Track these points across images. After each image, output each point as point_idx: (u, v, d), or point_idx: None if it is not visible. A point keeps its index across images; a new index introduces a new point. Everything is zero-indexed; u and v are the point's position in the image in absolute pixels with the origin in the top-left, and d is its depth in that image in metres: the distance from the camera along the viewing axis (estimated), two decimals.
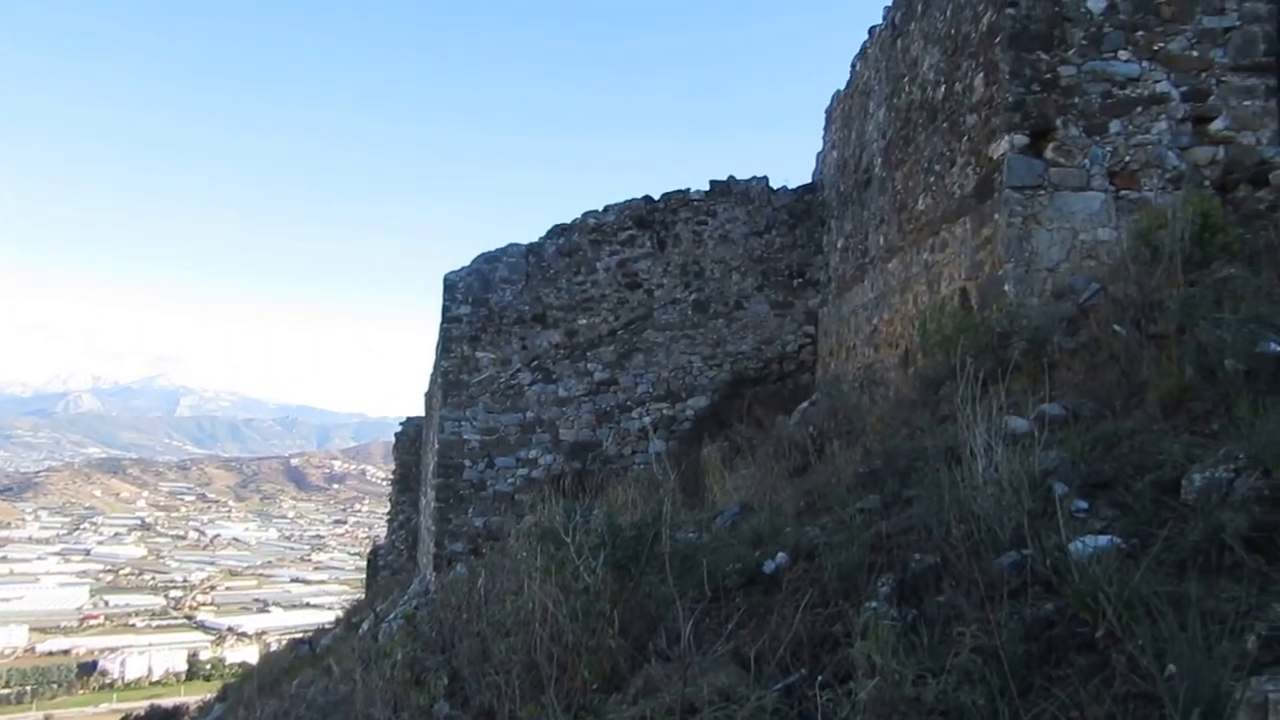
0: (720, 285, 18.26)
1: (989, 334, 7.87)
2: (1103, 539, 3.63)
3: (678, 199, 18.43)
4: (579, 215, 18.42)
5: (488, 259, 18.08)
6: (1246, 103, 10.10)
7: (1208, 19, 10.15)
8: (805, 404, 11.79)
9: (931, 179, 12.15)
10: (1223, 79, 10.10)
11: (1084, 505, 4.20)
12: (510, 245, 18.20)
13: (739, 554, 4.93)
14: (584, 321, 17.96)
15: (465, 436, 17.48)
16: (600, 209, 18.41)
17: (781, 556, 4.59)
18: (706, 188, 18.57)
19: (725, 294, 18.25)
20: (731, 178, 18.57)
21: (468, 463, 17.43)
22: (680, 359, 18.08)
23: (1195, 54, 10.11)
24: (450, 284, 17.93)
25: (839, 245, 17.05)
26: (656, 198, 18.45)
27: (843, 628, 3.66)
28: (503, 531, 13.85)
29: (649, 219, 18.29)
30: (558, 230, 18.28)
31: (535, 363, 17.78)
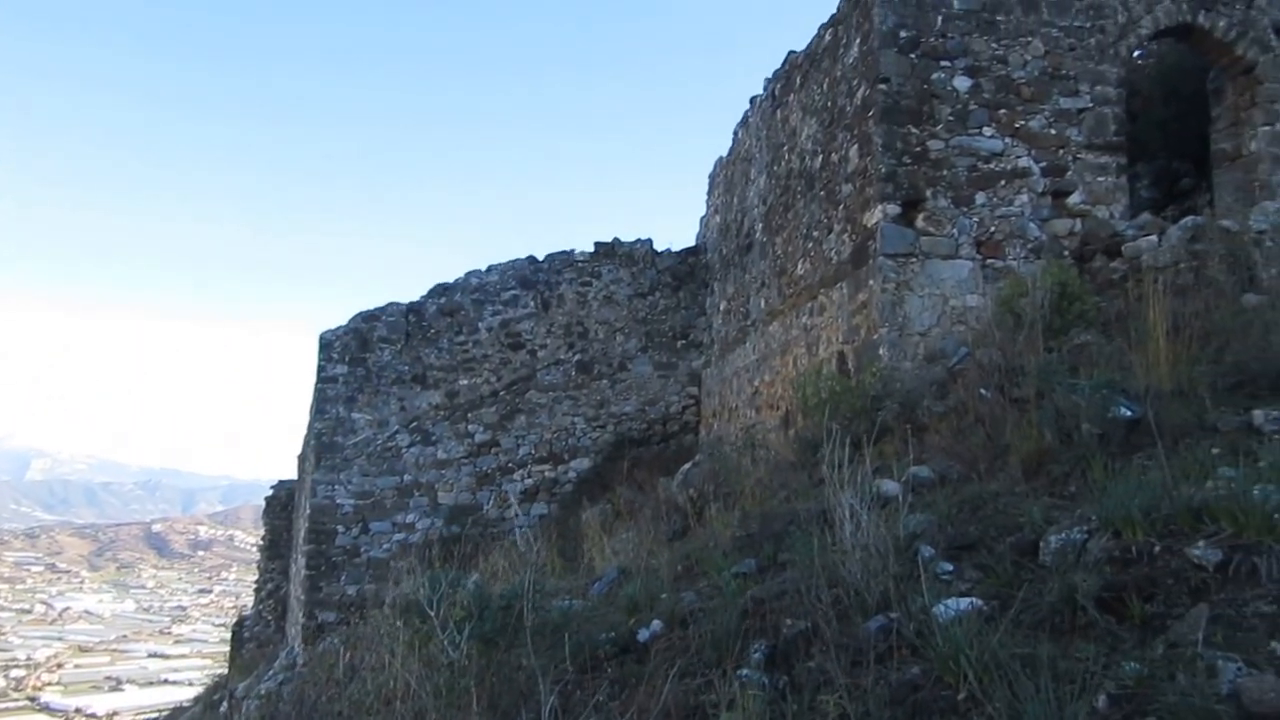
0: (604, 346, 18.30)
1: (864, 397, 8.07)
2: (965, 602, 3.71)
3: (562, 260, 18.50)
4: (462, 275, 18.32)
5: (366, 317, 17.72)
6: (1100, 179, 10.74)
7: (1064, 100, 10.80)
8: (688, 465, 11.84)
9: (810, 245, 12.50)
10: (1078, 156, 10.74)
11: (949, 568, 4.29)
12: (390, 304, 17.91)
13: (614, 622, 4.88)
14: (465, 382, 17.73)
15: (339, 501, 16.95)
16: (484, 269, 18.35)
17: (656, 624, 4.55)
18: (591, 249, 18.70)
19: (609, 355, 18.29)
20: (616, 239, 18.77)
21: (341, 528, 16.89)
22: (563, 420, 17.99)
23: (1053, 132, 10.73)
24: (326, 343, 17.49)
25: (722, 308, 17.33)
26: (541, 258, 18.50)
27: (713, 697, 3.63)
28: (377, 600, 13.46)
29: (533, 279, 18.30)
30: (440, 289, 18.11)
31: (414, 424, 17.43)
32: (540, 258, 18.50)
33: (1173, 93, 13.76)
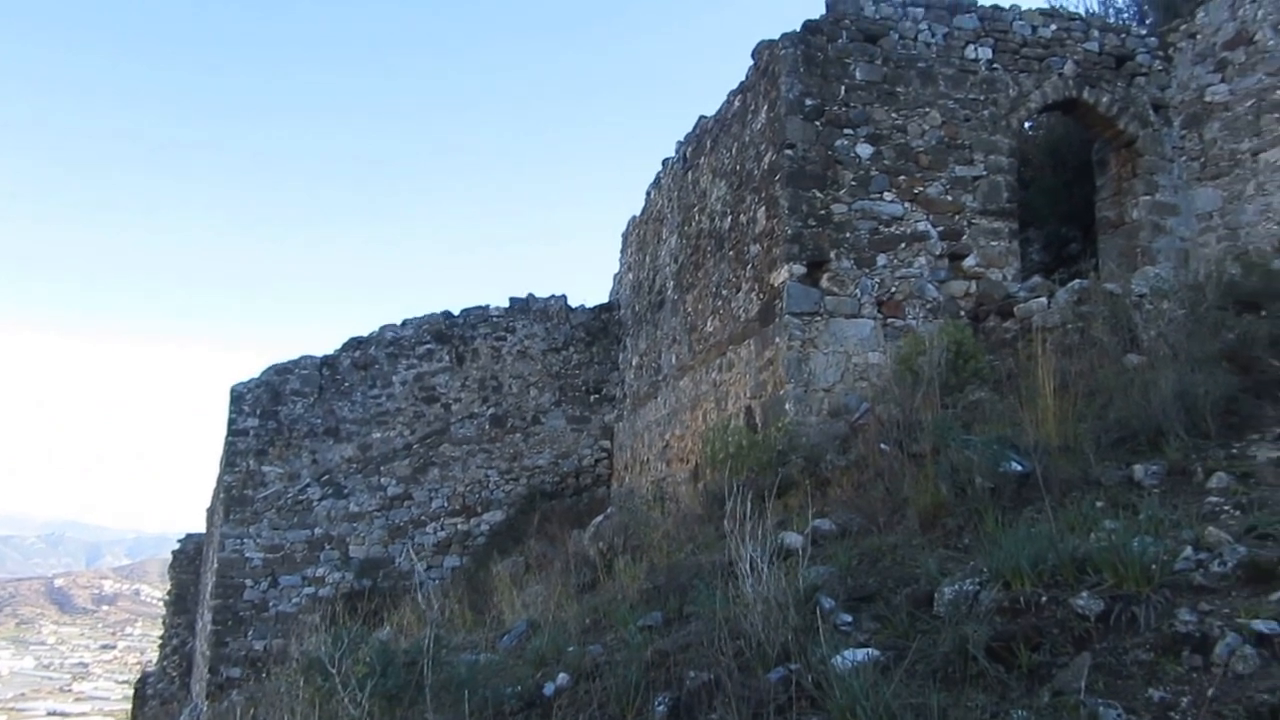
0: (518, 400, 18.36)
1: (770, 451, 8.24)
2: (863, 652, 3.82)
3: (477, 315, 18.60)
4: (377, 328, 18.27)
5: (279, 370, 17.56)
6: (994, 243, 11.24)
7: (959, 168, 11.30)
8: (599, 518, 11.88)
9: (719, 303, 12.76)
10: (973, 221, 11.22)
11: (848, 619, 4.41)
12: (303, 357, 17.77)
13: (521, 675, 4.87)
14: (378, 435, 17.63)
15: (247, 554, 16.64)
16: (399, 323, 18.34)
17: (563, 677, 4.56)
18: (506, 304, 18.84)
19: (523, 409, 18.35)
20: (531, 295, 18.91)
21: (249, 582, 16.57)
22: (477, 473, 17.96)
23: (950, 198, 11.21)
24: (237, 396, 17.28)
25: (634, 363, 17.50)
26: (456, 313, 18.57)
27: None
28: (284, 655, 13.15)
29: (448, 334, 18.34)
30: (354, 343, 18.03)
31: (326, 477, 17.23)
32: (455, 312, 18.60)
33: (1061, 163, 14.50)
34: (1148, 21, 14.74)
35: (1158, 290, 8.07)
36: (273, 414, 17.31)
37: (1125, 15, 15.83)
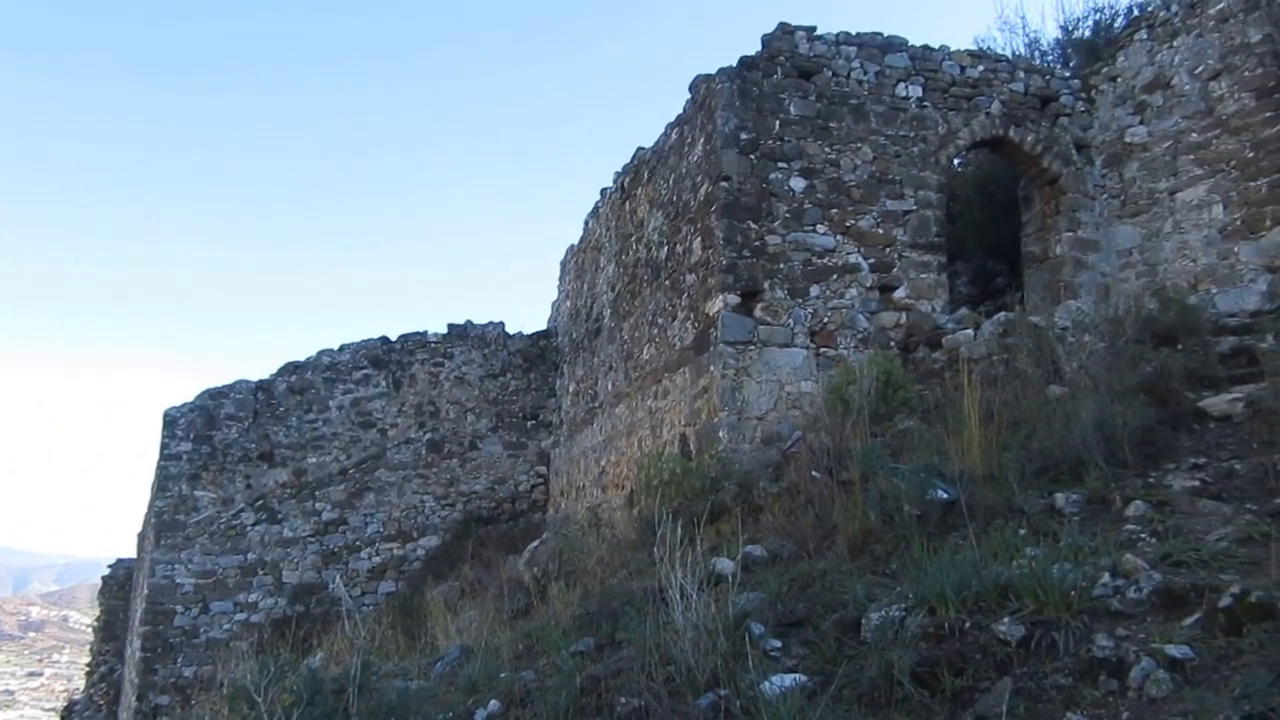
0: (455, 426, 18.32)
1: (703, 478, 8.30)
2: (790, 678, 3.87)
3: (415, 340, 18.58)
4: (314, 353, 18.16)
5: (213, 394, 17.36)
6: (923, 276, 11.49)
7: (890, 202, 11.56)
8: (534, 544, 11.84)
9: (655, 331, 12.84)
10: (903, 254, 11.47)
11: (778, 644, 4.46)
12: (239, 381, 17.59)
13: (452, 703, 4.84)
14: (314, 460, 17.48)
15: (178, 580, 16.39)
16: (336, 348, 18.24)
17: (494, 704, 4.54)
18: (444, 330, 18.81)
19: (460, 434, 18.32)
20: (469, 322, 18.91)
21: (180, 608, 16.33)
22: (413, 498, 17.87)
23: (881, 231, 11.45)
24: (170, 420, 17.04)
25: (571, 389, 17.51)
26: (394, 339, 18.54)
27: None
28: (215, 683, 12.89)
29: (385, 359, 18.29)
30: (290, 368, 17.90)
31: (260, 502, 17.02)
32: (393, 338, 18.58)
33: (988, 199, 14.90)
34: (1071, 64, 15.25)
35: (1079, 324, 8.29)
36: (206, 438, 17.11)
37: (1050, 58, 16.36)
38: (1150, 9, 12.94)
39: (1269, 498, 5.16)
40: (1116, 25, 15.65)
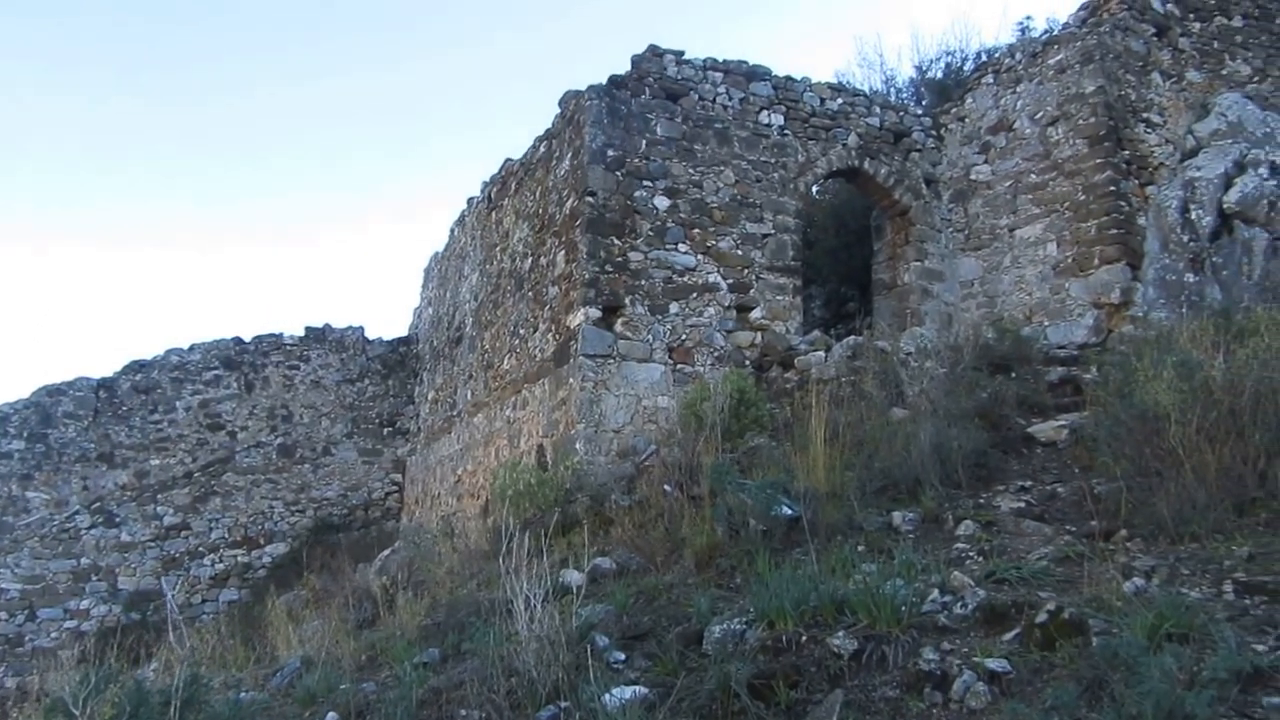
0: (309, 430, 17.84)
1: (558, 489, 8.30)
2: (631, 690, 3.90)
3: (270, 342, 18.04)
4: (161, 352, 17.43)
5: (50, 392, 16.49)
6: (779, 298, 11.82)
7: (750, 225, 11.85)
8: (386, 552, 11.61)
9: (517, 341, 12.80)
10: (761, 276, 11.77)
11: (621, 657, 4.49)
12: (79, 379, 16.76)
13: (287, 715, 4.70)
14: (157, 462, 16.78)
15: (4, 585, 15.54)
16: (186, 347, 17.58)
17: (331, 716, 4.43)
18: (302, 333, 18.30)
19: (314, 439, 17.85)
20: (328, 325, 18.48)
21: (4, 615, 15.44)
22: (261, 504, 17.31)
23: (740, 253, 11.73)
24: (2, 417, 16.22)
25: (430, 397, 17.28)
26: (247, 340, 17.96)
27: None
28: (38, 694, 12.15)
29: (238, 360, 17.71)
30: (136, 366, 17.15)
31: (97, 505, 16.22)
32: (247, 339, 18.04)
33: (843, 226, 15.46)
34: (923, 102, 16.00)
35: (922, 350, 8.65)
36: (41, 437, 16.33)
37: (904, 95, 17.12)
38: (997, 55, 13.71)
39: (1086, 520, 5.48)
40: (966, 68, 16.53)
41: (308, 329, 18.40)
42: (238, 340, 17.96)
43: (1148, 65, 12.11)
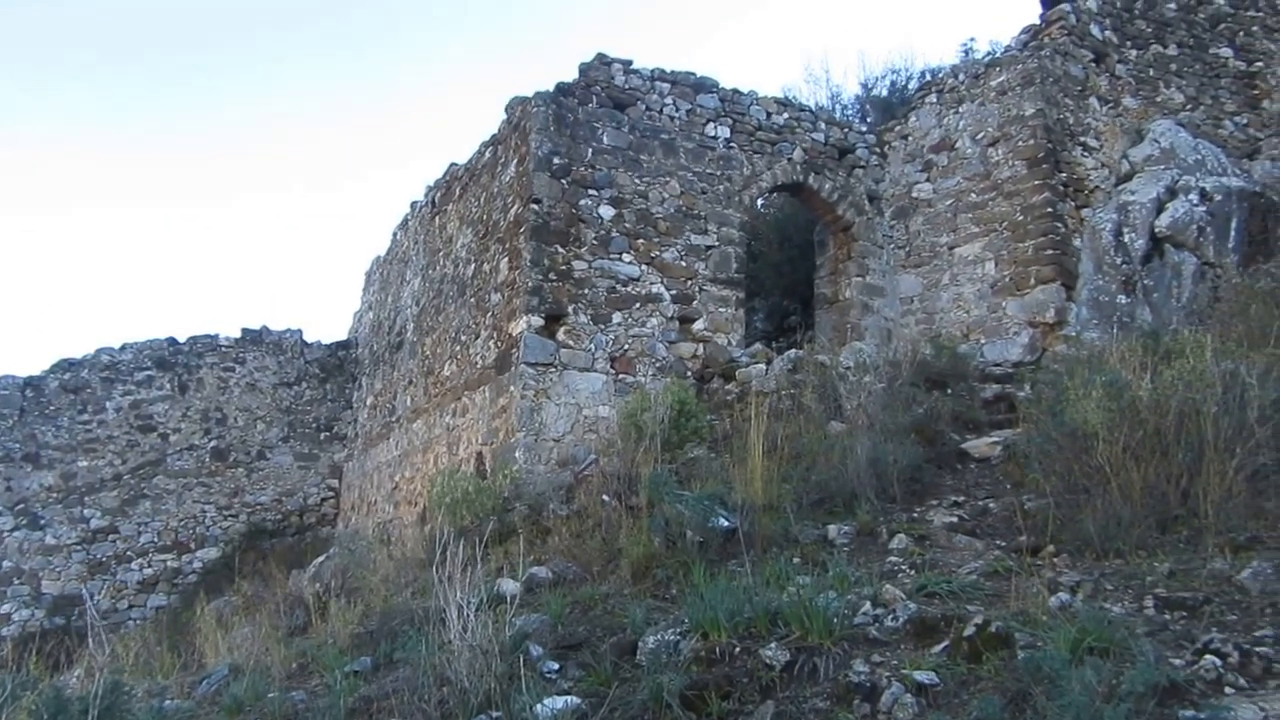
0: (244, 434, 17.54)
1: (497, 498, 8.24)
2: (563, 700, 3.88)
3: (205, 343, 17.71)
4: (92, 351, 17.03)
5: None
6: (722, 310, 11.88)
7: (694, 237, 11.90)
8: (320, 559, 11.43)
9: (458, 348, 12.71)
10: (704, 288, 11.83)
11: (555, 666, 4.47)
12: (4, 377, 16.35)
13: None
14: (85, 464, 16.38)
15: None
16: (117, 346, 17.19)
17: None
18: (238, 334, 18.00)
19: (248, 443, 17.55)
20: (265, 327, 18.20)
21: None
22: (193, 508, 16.97)
23: (684, 264, 11.77)
24: None
25: (369, 402, 17.08)
26: (182, 340, 17.59)
27: None
28: None
29: (171, 361, 17.35)
30: (64, 365, 16.75)
31: (20, 506, 15.81)
32: (181, 339, 17.69)
33: (787, 240, 15.60)
34: (868, 120, 16.23)
35: (861, 364, 8.75)
36: None
37: (850, 112, 17.35)
38: (941, 75, 13.94)
39: (1016, 535, 5.59)
40: (911, 87, 16.81)
41: (244, 331, 18.11)
42: (172, 340, 17.60)
43: (1086, 90, 12.40)
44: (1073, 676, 3.25)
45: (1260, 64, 13.78)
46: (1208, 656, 3.42)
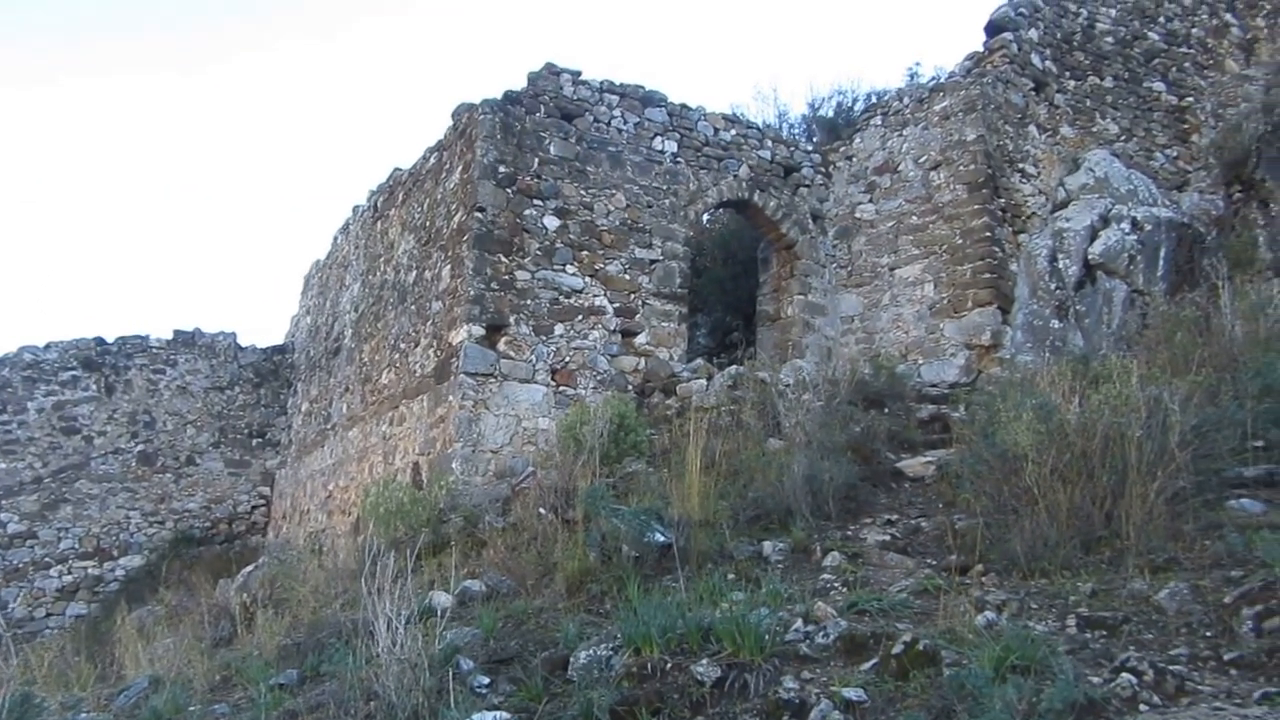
0: (173, 438, 17.13)
1: (432, 509, 8.16)
2: (491, 715, 3.85)
3: (135, 344, 17.27)
4: (14, 349, 16.57)
5: None
6: (665, 324, 11.91)
7: (639, 250, 11.93)
8: (250, 568, 11.21)
9: (397, 356, 12.58)
10: (647, 302, 11.86)
11: (485, 681, 4.43)
12: None
13: None
14: (3, 466, 16.01)
15: None
16: (42, 345, 16.70)
17: None
18: (170, 336, 17.59)
19: (177, 448, 17.14)
20: (198, 330, 17.81)
21: None
22: (117, 513, 16.52)
23: (628, 277, 11.79)
24: None
25: (304, 409, 16.81)
26: (110, 340, 17.13)
27: None
28: None
29: (98, 361, 16.90)
30: None
31: None
32: (110, 340, 17.23)
33: (731, 257, 15.70)
34: (814, 139, 16.39)
35: (801, 382, 8.83)
36: None
37: (796, 130, 17.53)
38: (886, 98, 14.16)
39: (946, 554, 5.67)
40: (856, 109, 17.02)
41: (177, 332, 17.70)
42: (99, 341, 17.16)
43: (1025, 118, 12.68)
44: (995, 694, 3.31)
45: (1190, 99, 14.21)
46: (1124, 675, 3.50)
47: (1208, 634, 3.95)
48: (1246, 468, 5.67)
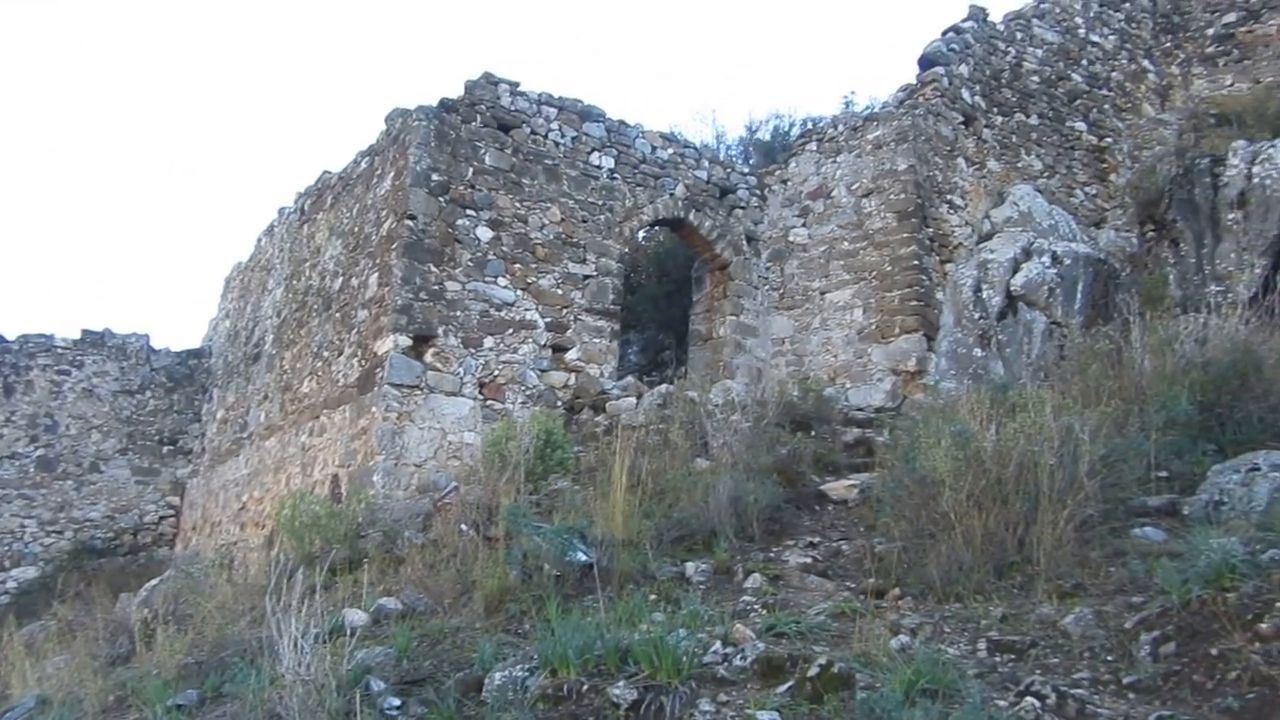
0: (76, 443, 16.47)
1: (350, 523, 7.99)
2: None
3: (38, 344, 16.57)
4: None
5: None
6: (596, 340, 11.87)
7: (572, 265, 11.89)
8: (154, 582, 10.85)
9: (319, 364, 12.33)
10: (579, 317, 11.81)
11: (397, 703, 4.32)
12: None
13: None
14: None
15: None
16: None
17: None
18: (77, 336, 16.96)
19: (80, 453, 16.48)
20: (108, 330, 17.17)
21: None
22: (11, 521, 15.83)
23: (560, 292, 11.73)
24: None
25: (219, 416, 16.37)
26: (11, 339, 16.44)
27: None
28: None
29: None
30: None
31: None
32: (10, 338, 16.50)
33: (665, 275, 15.75)
34: (750, 161, 16.57)
35: (730, 403, 8.84)
36: None
37: (733, 152, 17.71)
38: (821, 125, 14.36)
39: (865, 577, 5.71)
40: (793, 134, 17.25)
41: (85, 332, 17.01)
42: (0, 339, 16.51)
43: (954, 151, 12.94)
44: (904, 718, 3.32)
45: (1110, 140, 14.67)
46: (1028, 698, 3.57)
47: (1109, 658, 4.05)
48: (1150, 497, 5.86)
